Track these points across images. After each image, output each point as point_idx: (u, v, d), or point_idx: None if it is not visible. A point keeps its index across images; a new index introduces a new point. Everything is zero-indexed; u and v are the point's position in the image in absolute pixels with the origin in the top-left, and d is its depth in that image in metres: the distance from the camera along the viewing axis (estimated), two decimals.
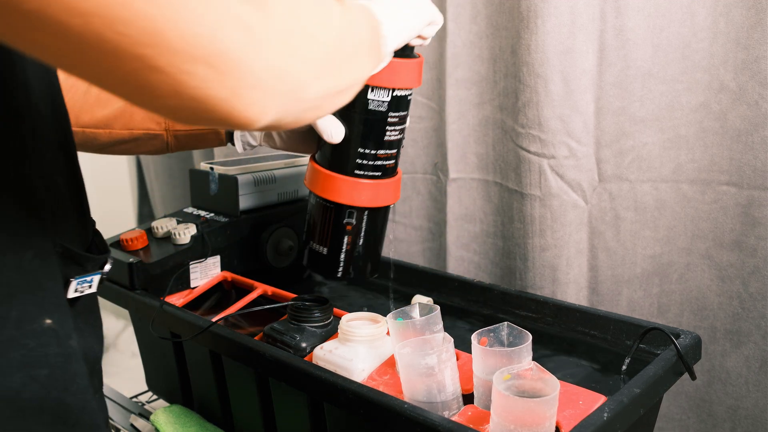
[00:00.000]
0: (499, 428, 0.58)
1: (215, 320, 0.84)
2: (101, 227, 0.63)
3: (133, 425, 0.96)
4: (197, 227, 0.99)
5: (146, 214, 2.02)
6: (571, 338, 0.84)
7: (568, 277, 1.04)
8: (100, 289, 0.57)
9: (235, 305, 0.93)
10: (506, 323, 0.68)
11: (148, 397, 1.09)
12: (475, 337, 0.66)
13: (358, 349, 0.74)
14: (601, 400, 0.65)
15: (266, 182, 1.05)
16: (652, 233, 1.00)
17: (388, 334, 0.76)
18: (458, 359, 0.72)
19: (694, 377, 0.72)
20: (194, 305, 0.97)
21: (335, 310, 0.85)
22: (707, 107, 0.93)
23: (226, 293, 1.02)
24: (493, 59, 1.08)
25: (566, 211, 1.02)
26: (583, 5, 0.95)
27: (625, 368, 0.75)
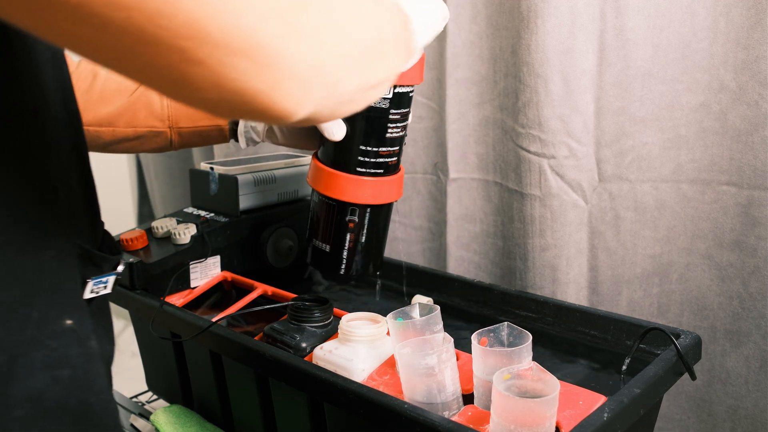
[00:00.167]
0: (499, 428, 0.58)
1: (215, 320, 0.84)
2: None
3: (133, 425, 0.96)
4: (197, 227, 0.99)
5: (146, 214, 2.02)
6: (571, 338, 0.84)
7: (568, 277, 1.04)
8: (114, 288, 0.57)
9: (235, 305, 0.93)
10: (506, 323, 0.68)
11: (148, 397, 1.09)
12: (475, 337, 0.66)
13: (358, 349, 0.74)
14: (601, 400, 0.65)
15: (266, 182, 1.05)
16: (652, 233, 1.00)
17: (388, 334, 0.76)
18: (458, 359, 0.72)
19: (694, 377, 0.72)
20: (194, 305, 0.97)
21: (335, 310, 0.85)
22: (707, 107, 0.93)
23: (226, 293, 1.02)
24: (493, 59, 1.08)
25: (566, 211, 1.02)
26: (583, 5, 0.95)
27: (625, 368, 0.75)
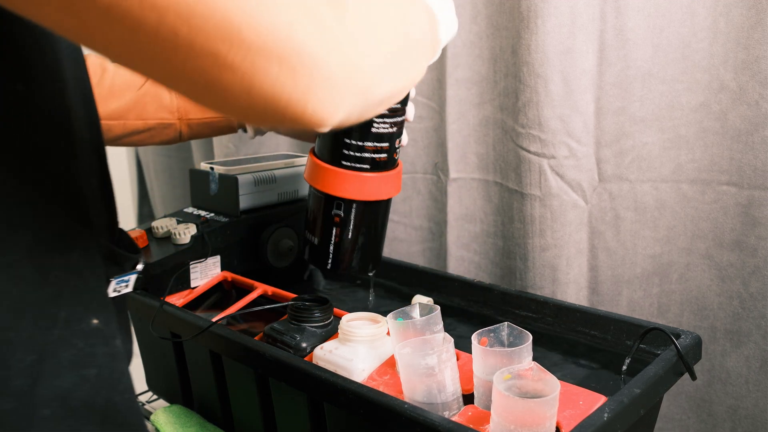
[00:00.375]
0: (499, 428, 0.58)
1: (215, 320, 0.84)
2: None
3: None
4: (197, 227, 0.99)
5: (146, 214, 2.02)
6: (571, 338, 0.84)
7: (568, 277, 1.04)
8: (136, 287, 0.58)
9: (235, 305, 0.93)
10: (506, 323, 0.68)
11: (148, 397, 1.09)
12: (475, 337, 0.66)
13: (358, 349, 0.74)
14: (601, 400, 0.65)
15: (266, 182, 1.05)
16: (652, 233, 1.00)
17: (388, 334, 0.76)
18: (458, 359, 0.72)
19: (694, 377, 0.72)
20: (194, 305, 0.97)
21: (335, 310, 0.85)
22: (707, 107, 0.93)
23: (226, 293, 1.02)
24: (493, 59, 1.08)
25: (566, 211, 1.02)
26: (583, 5, 0.95)
27: (625, 368, 0.75)
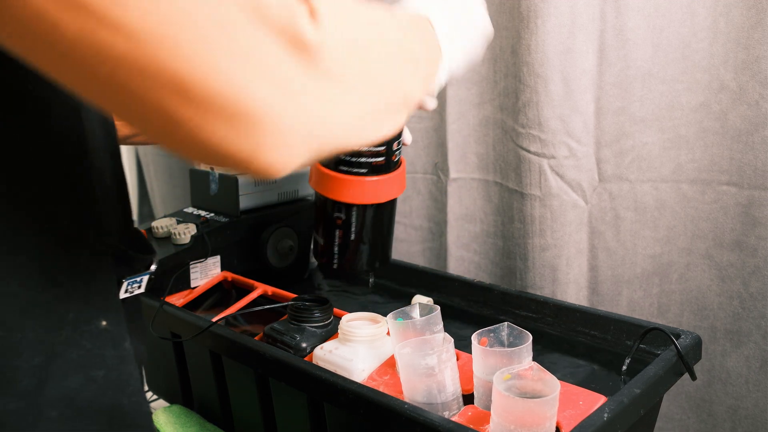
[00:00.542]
0: (499, 428, 0.58)
1: (215, 320, 0.84)
2: None
3: None
4: (197, 227, 0.99)
5: (146, 214, 2.02)
6: (571, 338, 0.84)
7: (568, 277, 1.04)
8: (149, 288, 0.57)
9: (235, 305, 0.93)
10: (506, 323, 0.68)
11: (148, 397, 1.09)
12: (475, 337, 0.66)
13: (358, 349, 0.74)
14: (601, 400, 0.65)
15: (266, 182, 1.05)
16: (652, 233, 1.00)
17: (388, 334, 0.76)
18: (458, 359, 0.72)
19: (694, 377, 0.72)
20: (194, 305, 0.97)
21: (335, 310, 0.85)
22: (707, 107, 0.93)
23: (226, 293, 1.02)
24: (493, 59, 1.08)
25: (566, 211, 1.02)
26: (583, 5, 0.95)
27: (625, 368, 0.75)
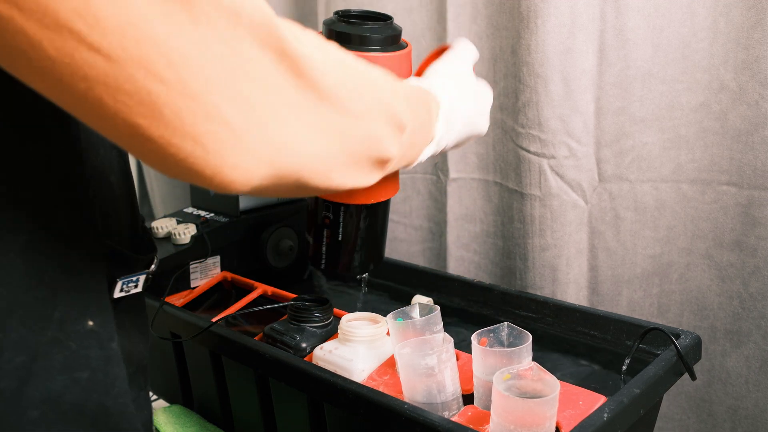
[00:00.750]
0: (499, 428, 0.58)
1: (215, 320, 0.84)
2: None
3: None
4: (197, 227, 0.99)
5: (146, 214, 2.02)
6: (571, 338, 0.84)
7: (568, 277, 1.04)
8: (147, 286, 0.57)
9: (235, 305, 0.93)
10: (506, 323, 0.68)
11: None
12: (475, 337, 0.66)
13: (358, 349, 0.74)
14: (601, 400, 0.65)
15: None
16: (652, 233, 1.00)
17: (388, 334, 0.76)
18: (458, 359, 0.72)
19: (694, 377, 0.72)
20: (194, 305, 0.97)
21: (335, 310, 0.85)
22: (707, 107, 0.93)
23: (226, 293, 1.02)
24: (493, 59, 1.08)
25: (566, 211, 1.02)
26: (583, 5, 0.95)
27: (625, 368, 0.75)
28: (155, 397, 1.07)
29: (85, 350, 0.49)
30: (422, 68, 0.78)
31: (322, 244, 0.78)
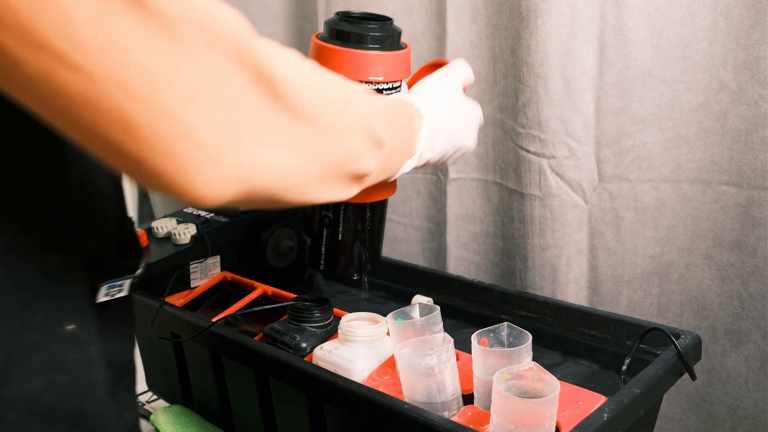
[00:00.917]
0: (499, 428, 0.58)
1: (215, 320, 0.84)
2: None
3: None
4: (197, 227, 0.99)
5: (146, 214, 2.02)
6: (571, 338, 0.84)
7: (568, 277, 1.04)
8: (133, 291, 0.57)
9: (235, 305, 0.93)
10: (506, 323, 0.68)
11: (148, 397, 1.09)
12: (475, 337, 0.66)
13: (358, 349, 0.74)
14: (601, 400, 0.65)
15: None
16: (652, 233, 1.00)
17: (388, 334, 0.76)
18: (458, 359, 0.72)
19: (694, 377, 0.72)
20: (194, 305, 0.97)
21: (335, 310, 0.85)
22: (707, 107, 0.93)
23: (226, 293, 1.02)
24: (493, 59, 1.08)
25: (566, 211, 1.02)
26: (583, 5, 0.95)
27: (625, 368, 0.75)
28: (155, 397, 1.07)
29: (64, 353, 0.49)
30: (417, 77, 0.80)
31: (321, 244, 0.78)
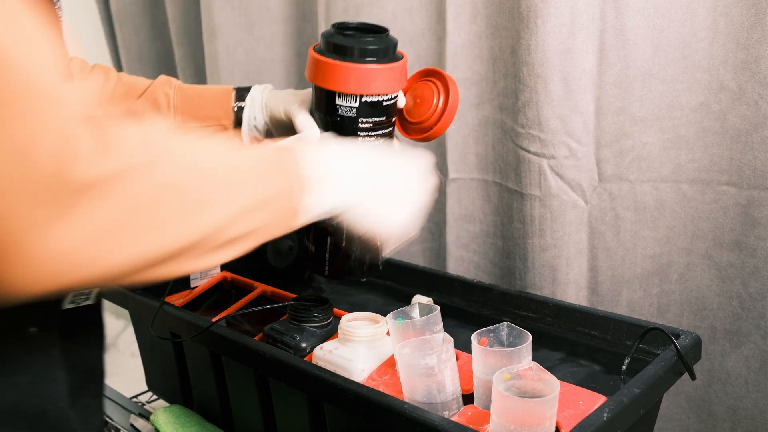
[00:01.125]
0: (498, 428, 0.58)
1: (215, 320, 0.84)
2: None
3: (133, 425, 0.96)
4: None
5: None
6: (571, 338, 0.84)
7: (567, 277, 1.04)
8: (98, 300, 0.57)
9: (235, 305, 0.93)
10: (506, 323, 0.68)
11: (148, 397, 1.09)
12: (475, 337, 0.66)
13: (358, 349, 0.74)
14: (601, 400, 0.65)
15: None
16: (652, 233, 1.00)
17: (388, 334, 0.76)
18: (458, 359, 0.72)
19: (694, 377, 0.72)
20: (194, 305, 0.97)
21: (335, 310, 0.85)
22: (707, 107, 0.93)
23: (226, 293, 1.02)
24: (492, 59, 1.08)
25: (566, 211, 1.02)
26: (583, 5, 0.95)
27: (625, 368, 0.75)
28: (155, 397, 1.07)
29: (26, 355, 0.50)
30: (411, 82, 0.79)
31: (325, 251, 0.78)
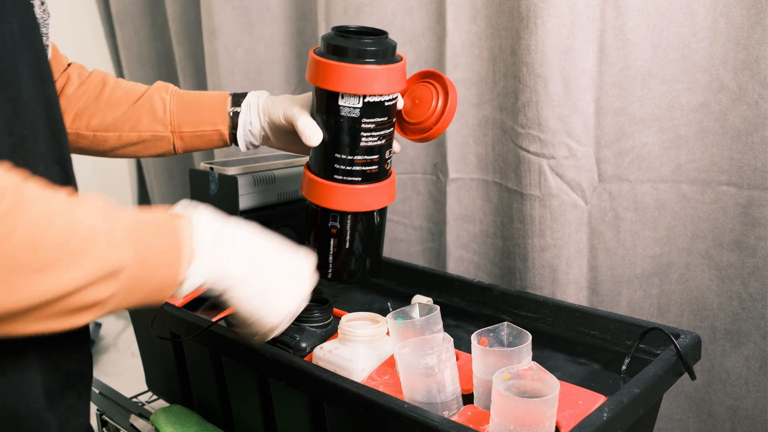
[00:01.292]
0: (498, 428, 0.58)
1: (215, 320, 0.84)
2: None
3: (133, 425, 0.96)
4: None
5: None
6: (571, 338, 0.84)
7: (567, 277, 1.04)
8: None
9: None
10: (506, 323, 0.68)
11: (148, 397, 1.09)
12: (474, 337, 0.66)
13: (358, 349, 0.74)
14: (600, 400, 0.65)
15: (266, 182, 1.05)
16: (652, 233, 1.00)
17: (388, 334, 0.76)
18: (458, 359, 0.72)
19: (693, 377, 0.72)
20: (194, 305, 0.97)
21: (335, 310, 0.85)
22: (707, 107, 0.93)
23: None
24: (492, 59, 1.08)
25: (566, 211, 1.02)
26: (583, 5, 0.95)
27: (625, 368, 0.75)
28: (155, 397, 1.07)
29: (0, 358, 0.50)
30: (410, 83, 0.80)
31: (328, 254, 0.79)
